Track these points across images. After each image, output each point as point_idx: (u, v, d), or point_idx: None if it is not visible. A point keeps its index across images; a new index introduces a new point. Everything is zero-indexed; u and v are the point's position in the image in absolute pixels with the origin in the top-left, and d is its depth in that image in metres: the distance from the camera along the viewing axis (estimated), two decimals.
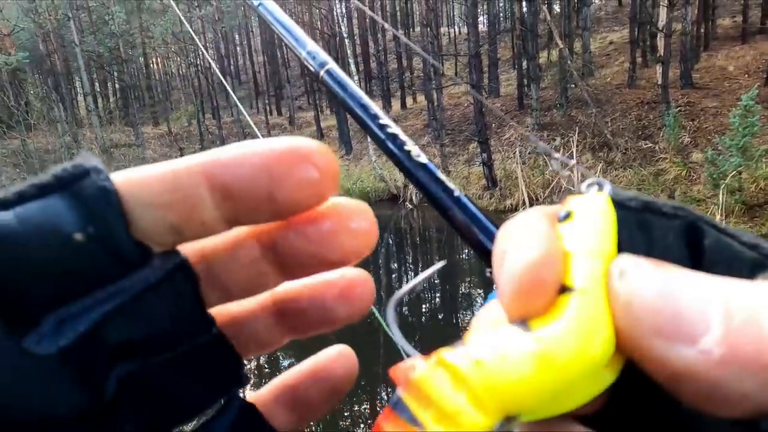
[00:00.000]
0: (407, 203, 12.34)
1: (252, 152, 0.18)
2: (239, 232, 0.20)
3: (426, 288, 7.90)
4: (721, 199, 7.58)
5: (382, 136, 0.25)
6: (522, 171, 10.52)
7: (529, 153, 11.75)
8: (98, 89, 27.44)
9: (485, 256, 0.23)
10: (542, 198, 10.26)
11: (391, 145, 0.25)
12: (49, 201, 0.16)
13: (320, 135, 18.52)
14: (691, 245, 0.19)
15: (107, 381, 0.17)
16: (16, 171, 17.73)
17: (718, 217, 7.58)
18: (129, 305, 0.17)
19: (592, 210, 0.18)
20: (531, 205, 10.16)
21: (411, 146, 0.24)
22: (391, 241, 10.75)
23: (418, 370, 0.15)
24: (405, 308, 6.51)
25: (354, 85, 0.28)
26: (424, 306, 7.02)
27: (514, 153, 11.31)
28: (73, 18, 19.00)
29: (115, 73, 25.12)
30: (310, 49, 0.31)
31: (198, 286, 0.19)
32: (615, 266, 0.17)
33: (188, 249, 0.19)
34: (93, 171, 0.17)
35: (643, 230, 0.19)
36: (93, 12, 24.23)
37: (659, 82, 11.31)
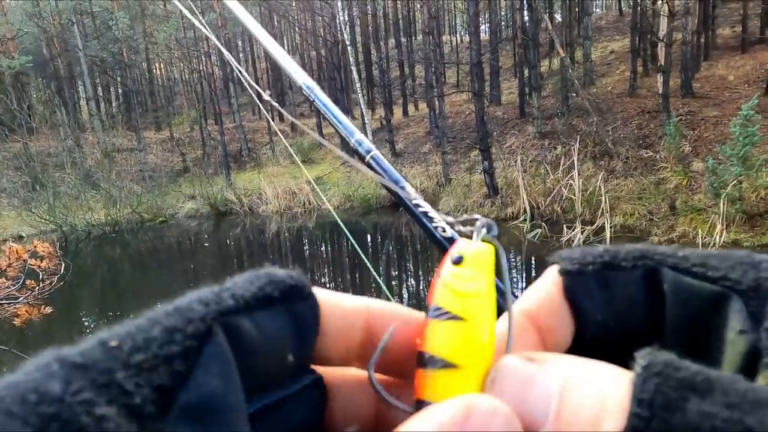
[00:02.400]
0: None
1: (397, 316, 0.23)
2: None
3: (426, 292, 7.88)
4: (721, 208, 7.58)
5: (417, 213, 0.29)
6: (523, 179, 10.53)
7: (530, 161, 11.77)
8: (101, 94, 27.56)
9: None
10: (543, 206, 10.25)
11: (424, 221, 0.29)
12: (279, 318, 0.20)
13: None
14: (654, 290, 0.21)
15: None
16: (17, 174, 17.77)
17: (719, 226, 7.58)
18: (277, 406, 0.21)
19: (480, 259, 0.22)
20: (532, 213, 10.18)
21: (439, 222, 0.28)
22: (392, 249, 10.74)
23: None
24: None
25: (394, 170, 0.32)
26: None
27: (516, 161, 11.32)
28: (76, 23, 19.15)
29: (118, 78, 25.26)
30: (358, 138, 0.36)
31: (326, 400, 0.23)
32: (491, 372, 0.20)
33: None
34: (309, 296, 0.21)
35: (604, 288, 0.22)
36: (97, 17, 24.41)
37: (660, 91, 11.35)
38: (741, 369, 0.18)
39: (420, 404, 0.20)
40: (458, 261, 0.22)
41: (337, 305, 0.23)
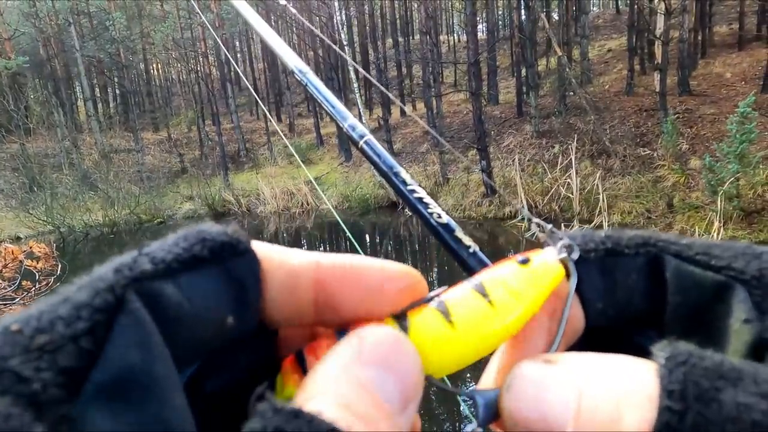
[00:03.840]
0: (406, 210, 12.34)
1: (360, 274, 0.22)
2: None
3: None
4: (719, 205, 7.60)
5: (412, 199, 0.29)
6: (521, 178, 10.54)
7: (528, 160, 11.78)
8: (98, 94, 27.49)
9: None
10: (541, 205, 10.26)
11: (419, 207, 0.29)
12: (209, 280, 0.19)
13: (320, 142, 18.55)
14: (655, 278, 0.21)
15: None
16: (14, 175, 17.72)
17: (716, 224, 7.59)
18: (224, 360, 0.21)
19: (542, 273, 0.21)
20: (530, 212, 10.17)
21: (435, 208, 0.28)
22: (390, 248, 10.74)
23: None
24: None
25: (388, 155, 0.32)
26: None
27: (513, 160, 11.33)
28: (73, 23, 19.10)
29: (116, 79, 25.21)
30: (351, 122, 0.35)
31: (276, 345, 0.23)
32: (507, 378, 0.20)
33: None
34: (246, 253, 0.20)
35: (606, 275, 0.21)
36: (94, 17, 24.34)
37: (657, 89, 11.37)
38: (747, 359, 0.18)
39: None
40: (524, 261, 0.21)
41: (281, 262, 0.21)
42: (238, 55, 31.55)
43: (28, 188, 16.96)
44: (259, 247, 0.21)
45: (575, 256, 0.21)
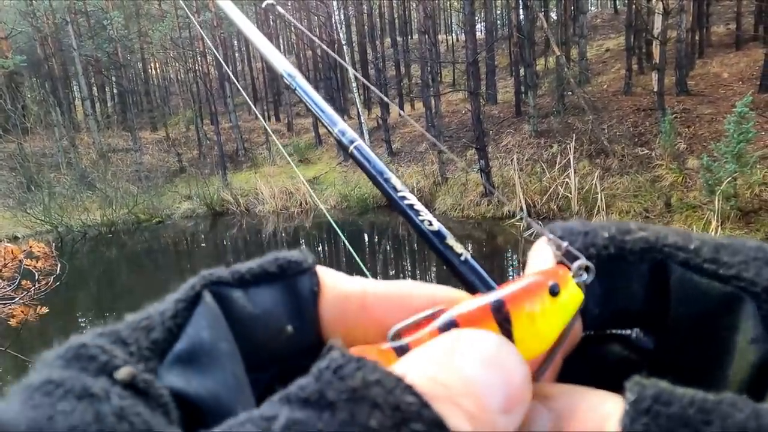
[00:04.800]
0: None
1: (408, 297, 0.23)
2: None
3: None
4: (716, 205, 7.62)
5: (403, 205, 0.29)
6: (519, 178, 10.55)
7: (526, 160, 11.79)
8: (96, 94, 27.42)
9: None
10: (540, 205, 10.28)
11: (410, 213, 0.28)
12: (273, 291, 0.22)
13: (318, 141, 18.55)
14: (658, 285, 0.20)
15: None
16: (12, 174, 17.67)
17: (714, 223, 7.62)
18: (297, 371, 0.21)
19: (571, 305, 0.20)
20: (529, 212, 10.20)
21: (426, 215, 0.28)
22: (388, 248, 10.74)
23: None
24: None
25: (378, 161, 0.32)
26: None
27: (512, 160, 11.35)
28: (71, 22, 19.03)
29: (113, 78, 25.15)
30: (341, 128, 0.35)
31: None
32: None
33: None
34: (308, 271, 0.22)
35: (605, 280, 0.20)
36: (91, 16, 24.26)
37: (655, 89, 11.40)
38: (750, 381, 0.17)
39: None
40: (555, 292, 0.20)
41: (334, 286, 0.23)
42: (236, 55, 31.50)
43: (25, 188, 16.91)
44: (321, 269, 0.23)
45: (588, 279, 0.20)
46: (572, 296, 0.20)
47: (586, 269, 0.20)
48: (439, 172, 12.80)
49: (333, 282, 0.23)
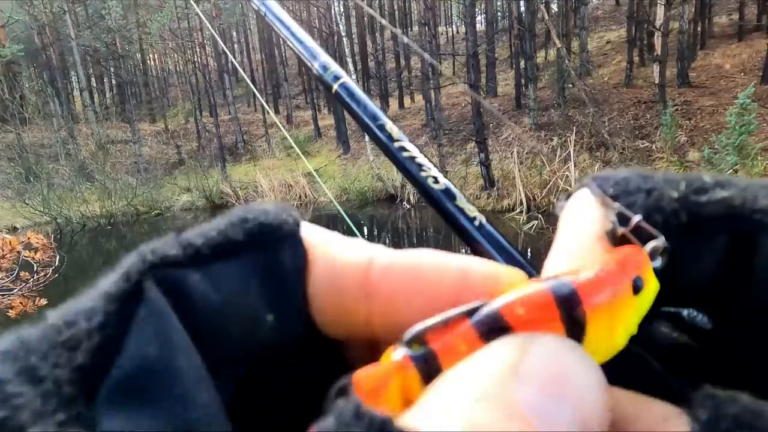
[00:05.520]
0: (405, 203, 12.33)
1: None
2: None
3: None
4: None
5: (401, 158, 0.24)
6: (519, 171, 10.53)
7: (526, 153, 11.77)
8: (94, 84, 27.28)
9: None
10: (539, 198, 10.27)
11: (411, 168, 0.23)
12: (244, 268, 0.16)
13: (318, 134, 18.49)
14: (738, 262, 0.15)
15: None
16: (10, 165, 17.62)
17: None
18: (285, 363, 0.17)
19: (650, 299, 0.15)
20: (528, 204, 10.19)
21: (430, 170, 0.23)
22: (388, 241, 10.75)
23: None
24: None
25: (370, 102, 0.26)
26: None
27: (512, 153, 11.32)
28: (68, 11, 18.88)
29: (112, 69, 25.00)
30: (323, 61, 0.29)
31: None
32: None
33: None
34: (289, 238, 0.16)
35: (674, 249, 0.15)
36: (89, 6, 24.07)
37: (656, 81, 11.34)
38: None
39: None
40: (638, 290, 0.15)
41: (327, 255, 0.17)
42: (236, 46, 31.31)
43: (24, 178, 16.88)
44: (308, 232, 0.17)
45: (658, 264, 0.15)
46: (652, 292, 0.15)
47: (662, 252, 0.15)
48: (439, 166, 12.76)
49: (325, 249, 0.17)
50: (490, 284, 0.16)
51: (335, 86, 0.27)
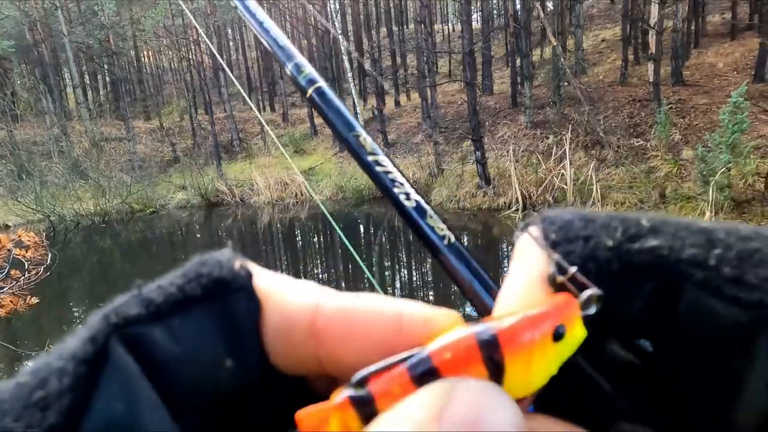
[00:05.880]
0: None
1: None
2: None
3: (419, 285, 7.91)
4: (710, 195, 7.66)
5: (377, 171, 0.24)
6: (515, 169, 10.55)
7: (522, 151, 11.79)
8: (88, 81, 27.06)
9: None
10: (535, 196, 10.29)
11: (385, 181, 0.23)
12: (201, 320, 0.17)
13: (314, 132, 18.44)
14: (665, 305, 0.16)
15: None
16: (2, 162, 17.46)
17: (707, 213, 7.66)
18: (248, 404, 0.19)
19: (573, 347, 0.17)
20: (524, 202, 10.21)
21: (404, 186, 0.23)
22: (384, 239, 10.74)
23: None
24: None
25: (347, 112, 0.25)
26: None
27: (508, 151, 11.33)
28: (60, 7, 18.69)
29: (105, 66, 24.80)
30: (299, 61, 0.27)
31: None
32: None
33: None
34: (242, 290, 0.18)
35: (606, 294, 0.17)
36: (81, 2, 23.85)
37: (651, 80, 11.39)
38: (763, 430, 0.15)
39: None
40: (560, 337, 0.16)
41: (278, 304, 0.18)
42: (231, 43, 31.14)
43: (16, 176, 16.73)
44: (262, 280, 0.18)
45: (592, 311, 0.16)
46: (576, 338, 0.17)
47: (596, 299, 0.16)
48: (435, 164, 12.77)
49: (277, 299, 0.18)
50: (423, 329, 0.17)
51: (310, 90, 0.26)
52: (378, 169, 0.24)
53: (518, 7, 14.43)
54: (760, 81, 10.90)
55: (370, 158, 0.24)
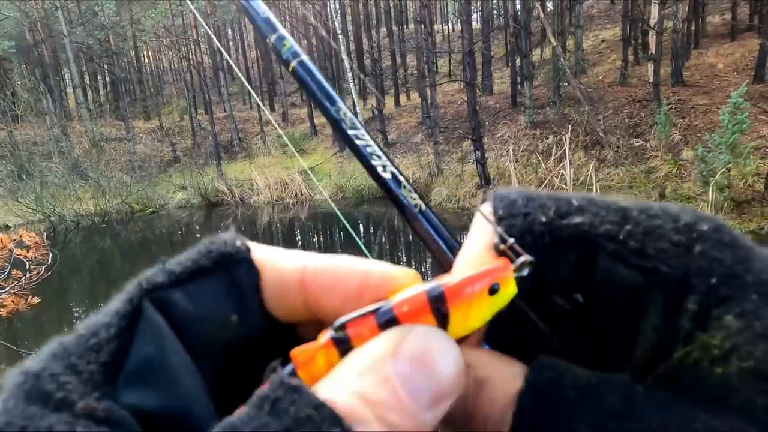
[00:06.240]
0: None
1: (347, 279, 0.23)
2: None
3: None
4: (710, 196, 7.66)
5: (358, 145, 0.26)
6: (515, 169, 10.56)
7: (522, 151, 11.79)
8: (88, 82, 27.06)
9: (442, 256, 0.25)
10: None
11: (364, 154, 0.26)
12: (212, 285, 0.22)
13: (314, 132, 18.44)
14: (585, 270, 0.20)
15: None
16: (2, 163, 17.46)
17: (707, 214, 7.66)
18: (250, 354, 0.23)
19: (504, 301, 0.21)
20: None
21: (381, 159, 0.26)
22: (384, 239, 10.75)
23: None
24: None
25: (327, 84, 0.27)
26: None
27: (508, 151, 11.34)
28: (61, 8, 18.69)
29: (105, 66, 24.80)
30: (282, 34, 0.29)
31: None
32: None
33: None
34: (243, 261, 0.23)
35: (538, 260, 0.21)
36: (82, 2, 23.86)
37: (651, 80, 11.39)
38: (650, 361, 0.19)
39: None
40: (494, 291, 0.20)
41: (274, 266, 0.23)
42: (230, 44, 31.15)
43: (16, 176, 16.73)
44: (258, 252, 0.23)
45: (524, 273, 0.21)
46: (508, 294, 0.21)
47: (529, 264, 0.21)
48: (435, 163, 12.77)
49: (272, 264, 0.23)
50: (385, 283, 0.22)
51: (293, 63, 0.28)
52: (358, 142, 0.26)
53: (518, 7, 14.44)
54: (760, 82, 10.90)
55: (351, 132, 0.26)
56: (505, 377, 0.20)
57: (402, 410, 0.18)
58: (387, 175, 0.26)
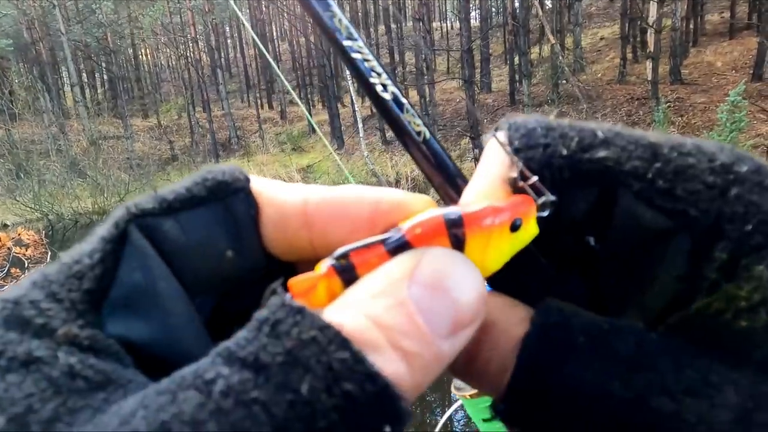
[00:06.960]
0: None
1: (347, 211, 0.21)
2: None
3: None
4: None
5: (355, 59, 0.23)
6: None
7: None
8: (86, 80, 26.98)
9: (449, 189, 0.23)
10: None
11: (361, 69, 0.22)
12: (206, 216, 0.20)
13: (312, 129, 18.44)
14: (604, 208, 0.19)
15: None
16: (0, 161, 17.42)
17: None
18: (247, 291, 0.22)
19: (527, 239, 0.19)
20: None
21: (381, 77, 0.22)
22: None
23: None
24: None
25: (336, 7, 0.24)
26: None
27: None
28: (58, 6, 18.63)
29: (103, 64, 24.74)
30: None
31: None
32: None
33: None
34: (241, 191, 0.21)
35: (557, 195, 0.19)
36: (79, 0, 23.77)
37: (649, 78, 11.41)
38: (665, 311, 0.18)
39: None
40: (516, 228, 0.19)
41: (272, 199, 0.21)
42: (228, 42, 31.07)
43: (14, 175, 16.70)
44: (257, 184, 0.21)
45: (545, 213, 0.19)
46: (529, 233, 0.19)
47: (550, 204, 0.19)
48: None
49: (271, 196, 0.21)
50: (398, 211, 0.20)
51: None
52: (355, 55, 0.22)
53: (517, 4, 14.43)
54: (758, 80, 10.93)
55: (346, 42, 0.23)
56: (509, 321, 0.19)
57: (418, 337, 0.16)
58: (387, 96, 0.23)
